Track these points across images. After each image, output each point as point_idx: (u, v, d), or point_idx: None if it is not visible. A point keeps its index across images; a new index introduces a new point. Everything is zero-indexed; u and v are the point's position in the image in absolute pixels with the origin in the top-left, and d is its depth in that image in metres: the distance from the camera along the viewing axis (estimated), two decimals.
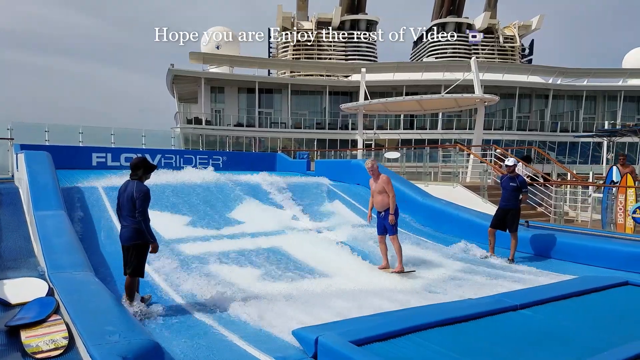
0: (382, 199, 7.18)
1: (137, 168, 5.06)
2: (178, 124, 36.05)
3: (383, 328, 3.94)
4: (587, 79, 41.76)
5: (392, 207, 7.08)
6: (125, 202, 4.95)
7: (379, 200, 7.22)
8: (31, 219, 6.99)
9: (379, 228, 7.36)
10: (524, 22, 53.10)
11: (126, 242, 4.99)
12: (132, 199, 4.89)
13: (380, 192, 7.18)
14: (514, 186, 8.04)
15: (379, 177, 7.22)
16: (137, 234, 4.95)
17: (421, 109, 24.91)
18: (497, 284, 6.46)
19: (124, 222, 5.02)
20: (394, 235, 7.07)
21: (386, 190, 7.11)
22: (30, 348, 3.71)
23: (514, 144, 36.52)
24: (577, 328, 4.23)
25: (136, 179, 5.05)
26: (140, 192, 4.90)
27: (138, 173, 5.06)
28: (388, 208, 7.13)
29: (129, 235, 4.97)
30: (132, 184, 5.02)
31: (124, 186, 5.09)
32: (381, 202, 7.20)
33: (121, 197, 5.03)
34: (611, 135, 27.03)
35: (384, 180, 7.15)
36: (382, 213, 7.26)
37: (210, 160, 14.46)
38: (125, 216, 4.97)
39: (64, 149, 12.61)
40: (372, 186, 7.34)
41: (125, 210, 4.97)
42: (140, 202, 4.86)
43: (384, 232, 7.27)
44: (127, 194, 4.95)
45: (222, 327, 4.67)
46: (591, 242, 7.89)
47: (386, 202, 7.14)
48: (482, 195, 11.95)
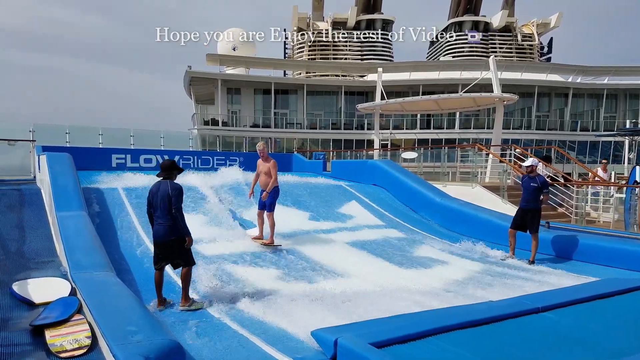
0: (266, 179, 8.10)
1: (171, 169, 5.37)
2: (195, 125, 36.33)
3: (403, 330, 3.91)
4: (607, 77, 41.01)
5: (270, 187, 7.99)
6: (159, 201, 5.19)
7: (263, 180, 8.14)
8: (53, 220, 7.10)
9: (260, 204, 8.24)
10: (542, 20, 52.43)
11: (163, 239, 5.22)
12: (168, 197, 5.15)
13: (266, 173, 8.09)
14: (534, 186, 7.92)
15: (267, 160, 8.13)
16: (173, 231, 5.20)
17: (439, 108, 24.70)
18: (518, 285, 6.37)
19: (159, 220, 5.23)
20: (271, 212, 8.03)
21: (271, 172, 8.03)
22: (54, 347, 3.77)
23: (533, 144, 36.01)
24: (601, 331, 4.15)
25: (167, 178, 5.32)
26: (175, 190, 5.20)
27: (172, 173, 5.38)
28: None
29: (165, 232, 5.20)
30: (164, 183, 5.28)
31: (155, 187, 5.31)
32: (265, 182, 8.11)
33: (154, 197, 5.25)
34: (634, 135, 26.48)
35: (271, 164, 8.07)
36: (264, 192, 8.13)
37: (227, 161, 14.54)
38: (161, 214, 5.20)
39: (84, 150, 12.81)
40: (260, 167, 8.22)
41: (160, 209, 5.20)
42: (176, 199, 5.15)
43: (263, 208, 8.15)
44: (162, 193, 5.20)
45: (240, 327, 4.69)
46: (614, 244, 7.73)
47: (269, 182, 8.03)
48: (502, 195, 11.80)
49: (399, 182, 12.48)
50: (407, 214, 11.34)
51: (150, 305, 5.18)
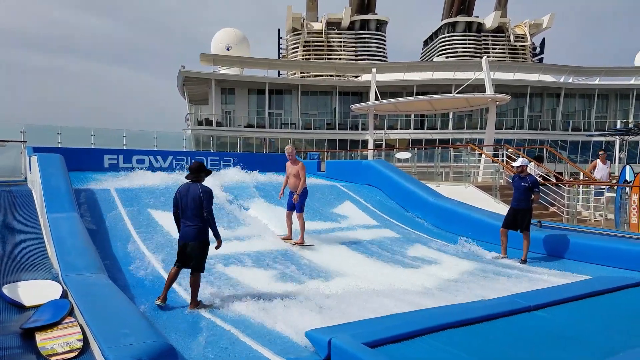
0: (295, 181, 8.40)
1: (200, 171, 5.42)
2: (189, 125, 36.22)
3: (396, 330, 3.92)
4: (599, 78, 41.36)
5: (300, 189, 8.26)
6: (190, 203, 5.22)
7: (292, 182, 8.45)
8: (45, 221, 7.05)
9: (289, 205, 8.54)
10: (534, 21, 52.78)
11: (193, 240, 5.24)
12: (199, 199, 5.19)
13: (295, 175, 8.37)
14: (525, 186, 7.97)
15: (296, 163, 8.42)
16: (202, 233, 5.27)
17: (432, 108, 24.79)
18: (509, 284, 6.40)
19: (189, 222, 5.24)
20: (300, 213, 8.31)
21: (300, 174, 8.30)
22: (45, 350, 3.74)
23: (526, 143, 36.21)
24: (592, 329, 4.18)
25: (196, 180, 5.36)
26: (206, 193, 5.27)
27: (201, 175, 5.42)
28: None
29: (195, 234, 5.23)
30: (194, 186, 5.31)
31: (184, 189, 5.32)
32: (294, 184, 8.42)
33: (183, 199, 5.27)
34: (624, 134, 26.69)
35: (300, 166, 8.35)
36: (293, 193, 8.39)
37: (222, 161, 14.50)
38: (191, 216, 5.23)
39: (76, 151, 12.70)
40: (289, 169, 8.52)
41: (190, 210, 5.22)
42: (207, 202, 5.24)
43: (292, 209, 8.45)
44: (192, 195, 5.23)
45: (234, 328, 4.68)
46: (605, 242, 7.79)
47: (297, 184, 8.31)
48: (494, 195, 11.86)
49: (393, 182, 12.50)
50: (401, 214, 11.37)
51: (154, 302, 5.19)
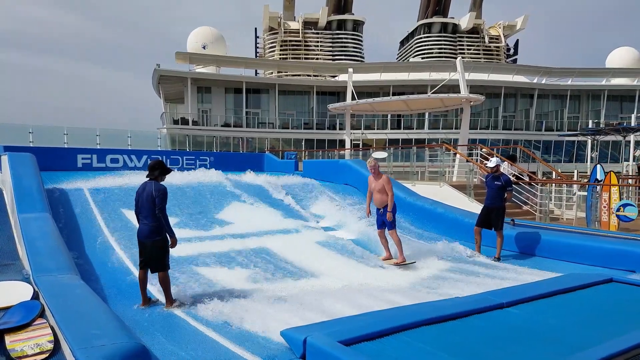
0: (381, 197, 7.71)
1: (154, 169, 5.38)
2: (164, 124, 35.74)
3: (371, 327, 3.94)
4: (571, 79, 42.33)
5: (391, 205, 7.55)
6: (144, 201, 5.19)
7: (378, 198, 7.74)
8: (15, 222, 6.89)
9: (379, 223, 7.88)
10: (509, 22, 53.68)
11: (146, 239, 5.22)
12: (152, 198, 5.15)
13: (379, 190, 7.69)
14: (498, 185, 8.11)
15: (379, 176, 7.73)
16: (156, 232, 5.24)
17: (408, 109, 25.01)
18: (483, 282, 6.51)
19: (144, 220, 5.23)
20: (393, 229, 7.58)
21: (386, 189, 7.59)
22: (14, 352, 3.66)
23: (500, 143, 36.83)
24: (563, 325, 4.28)
25: (153, 179, 5.32)
26: (159, 191, 5.22)
27: (155, 173, 5.35)
28: (386, 205, 7.60)
29: (148, 233, 5.21)
30: (150, 184, 5.28)
31: (142, 187, 5.31)
32: (380, 200, 7.73)
33: (140, 198, 5.26)
34: (595, 134, 27.41)
35: (384, 179, 7.65)
36: (381, 210, 7.76)
37: (198, 161, 14.39)
38: (146, 215, 5.21)
39: (48, 151, 12.48)
40: (372, 184, 7.83)
41: (145, 209, 5.20)
42: (160, 200, 5.19)
43: (383, 227, 7.77)
44: (147, 193, 5.21)
45: (208, 328, 4.65)
46: (576, 240, 7.97)
47: (385, 200, 7.64)
48: (469, 194, 12.03)
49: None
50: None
51: (136, 306, 5.23)
